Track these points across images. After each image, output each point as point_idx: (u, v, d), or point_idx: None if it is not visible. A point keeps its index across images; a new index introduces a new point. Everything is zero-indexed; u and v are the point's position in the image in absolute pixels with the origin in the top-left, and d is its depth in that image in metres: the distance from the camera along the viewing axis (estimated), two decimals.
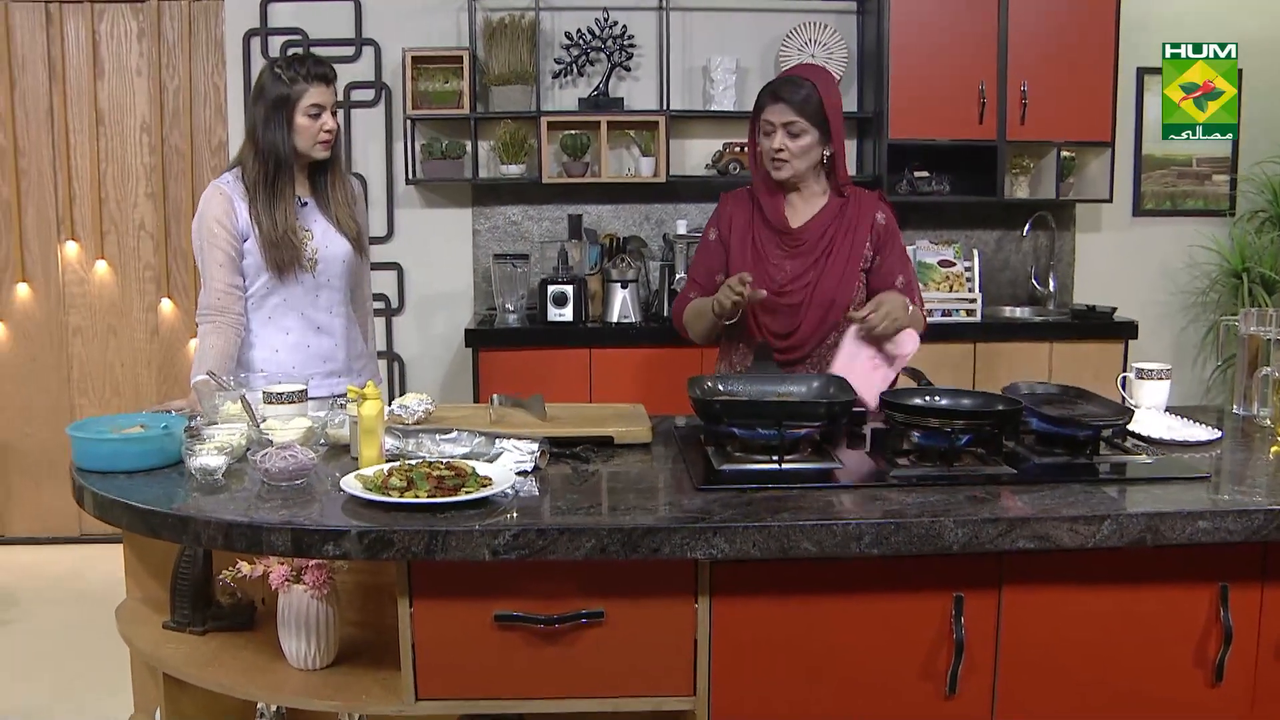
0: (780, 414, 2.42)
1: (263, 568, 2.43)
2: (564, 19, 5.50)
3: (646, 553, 2.06)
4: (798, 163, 3.16)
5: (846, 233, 3.24)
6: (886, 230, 3.28)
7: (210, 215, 3.30)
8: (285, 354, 3.40)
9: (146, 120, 5.71)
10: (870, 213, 3.27)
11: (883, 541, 2.08)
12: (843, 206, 3.26)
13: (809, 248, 3.23)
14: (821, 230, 3.23)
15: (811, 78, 3.16)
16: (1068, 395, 2.78)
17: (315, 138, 3.30)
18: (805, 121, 3.11)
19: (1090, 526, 2.11)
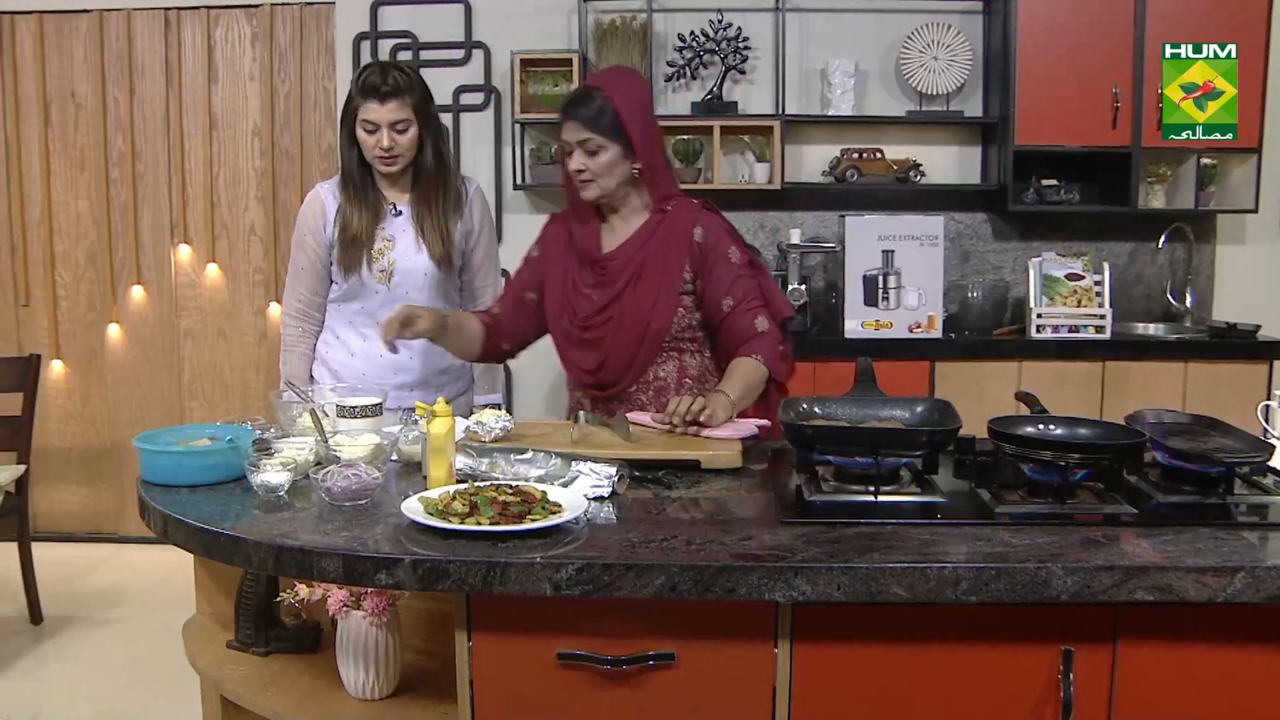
0: (876, 442, 2.23)
1: (321, 591, 2.31)
2: (677, 20, 5.35)
3: (721, 593, 1.89)
4: (604, 181, 2.90)
5: (658, 255, 2.96)
6: (706, 245, 2.97)
7: (302, 219, 3.41)
8: (359, 360, 3.41)
9: (258, 124, 5.70)
10: (685, 228, 2.97)
11: (982, 588, 1.87)
12: (658, 225, 2.98)
13: (613, 276, 2.97)
14: (630, 256, 2.97)
15: (603, 87, 2.90)
16: (1199, 426, 2.53)
17: (372, 154, 3.25)
18: (601, 137, 2.85)
19: (1220, 578, 1.87)
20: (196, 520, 2.18)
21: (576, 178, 2.92)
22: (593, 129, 2.86)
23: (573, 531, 2.07)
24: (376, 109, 3.18)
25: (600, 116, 2.86)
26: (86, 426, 5.96)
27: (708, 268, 2.96)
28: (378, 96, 3.18)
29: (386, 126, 3.19)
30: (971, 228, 5.45)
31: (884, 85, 5.38)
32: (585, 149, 2.88)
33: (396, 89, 3.18)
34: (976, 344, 4.97)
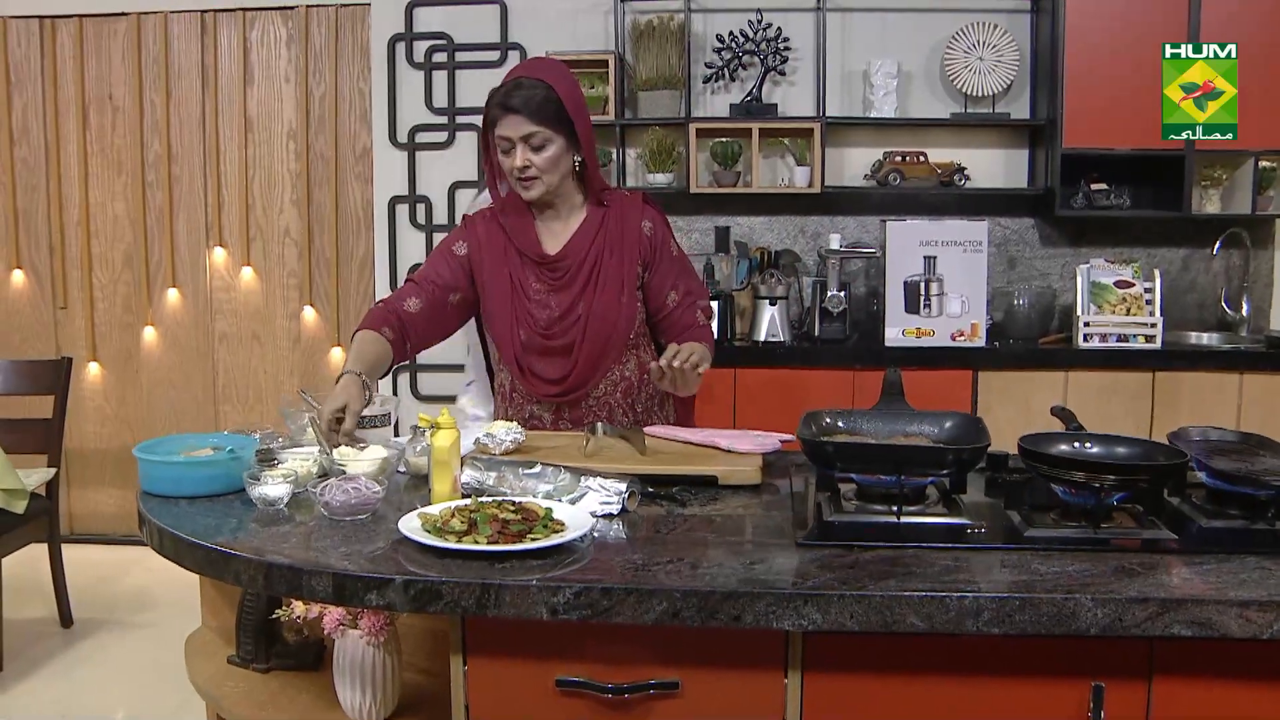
0: (899, 460, 2.11)
1: (318, 609, 2.22)
2: (716, 21, 5.23)
3: (726, 620, 1.78)
4: (549, 177, 2.77)
5: (613, 250, 2.87)
6: (655, 238, 2.92)
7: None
8: None
9: (293, 127, 5.65)
10: (635, 221, 2.90)
11: (1005, 619, 1.75)
12: (604, 219, 2.89)
13: (572, 276, 2.86)
14: (581, 254, 2.86)
15: (544, 76, 2.75)
16: (1248, 445, 2.38)
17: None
18: (548, 130, 2.72)
19: (1266, 614, 1.73)
20: (190, 534, 2.11)
21: (518, 175, 2.76)
22: (538, 121, 2.71)
23: (576, 552, 1.97)
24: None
25: (545, 106, 2.72)
26: (122, 428, 5.93)
27: (655, 261, 2.92)
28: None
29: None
30: (1018, 233, 5.29)
31: (928, 86, 5.23)
32: (530, 144, 2.73)
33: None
34: (1021, 353, 4.81)
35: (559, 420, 2.92)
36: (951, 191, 5.10)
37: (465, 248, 2.92)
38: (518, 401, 2.97)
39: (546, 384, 2.89)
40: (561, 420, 2.91)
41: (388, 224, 5.53)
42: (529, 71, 2.80)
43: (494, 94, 2.78)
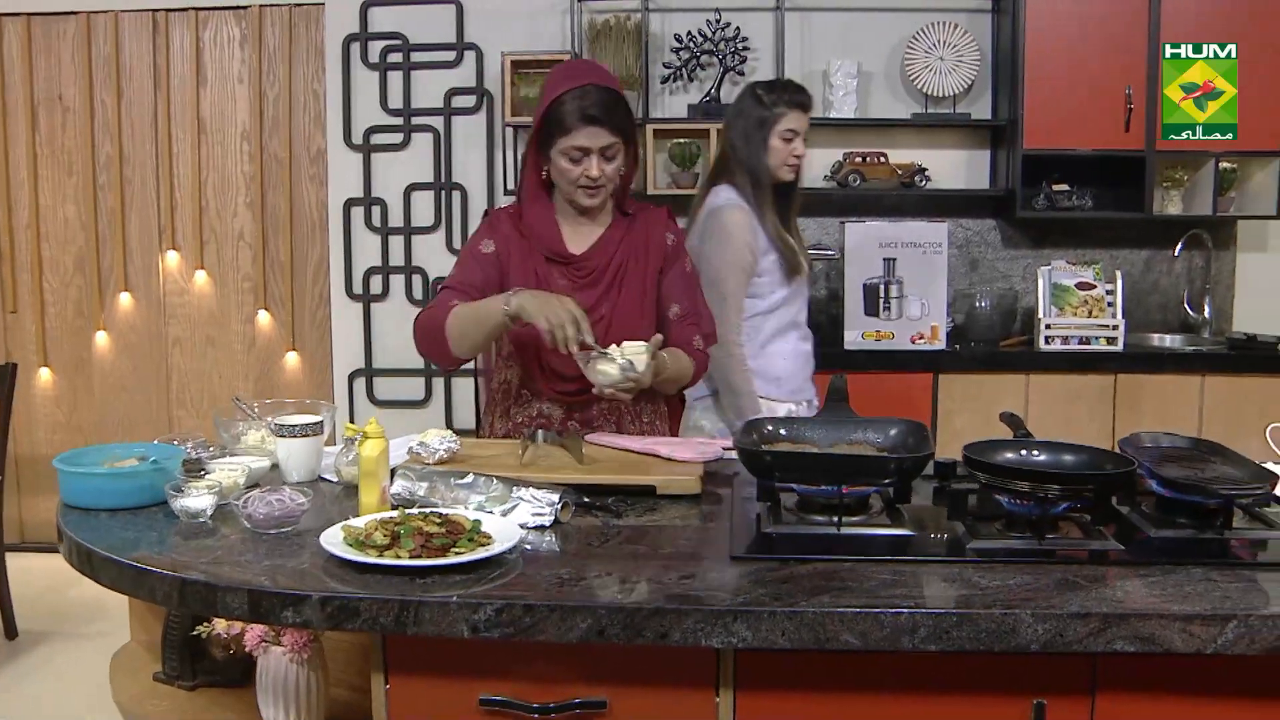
0: (839, 470, 2.04)
1: (240, 625, 2.14)
2: (674, 20, 5.17)
3: (653, 638, 1.71)
4: (611, 186, 2.77)
5: (637, 258, 2.84)
6: (673, 251, 2.91)
7: (739, 234, 3.37)
8: (791, 361, 3.51)
9: (247, 128, 5.56)
10: (660, 233, 2.89)
11: (942, 636, 1.68)
12: (629, 227, 2.86)
13: (598, 277, 2.81)
14: (606, 258, 2.82)
15: (611, 84, 2.73)
16: (1200, 451, 2.33)
17: (784, 160, 3.39)
18: (620, 141, 2.70)
19: (1210, 628, 1.67)
20: (106, 548, 2.02)
21: (589, 184, 2.72)
22: (615, 132, 2.68)
23: (502, 566, 1.90)
24: (799, 118, 3.41)
25: (624, 118, 2.71)
26: (74, 435, 5.81)
27: (667, 271, 2.90)
28: (801, 108, 3.41)
29: (802, 135, 3.42)
30: (980, 234, 5.25)
31: (888, 87, 5.18)
32: (605, 154, 2.69)
33: (809, 101, 3.48)
34: (982, 356, 4.76)
35: (568, 420, 2.83)
36: (912, 192, 5.05)
37: (493, 245, 2.84)
38: (525, 399, 2.88)
39: (565, 382, 2.80)
40: (570, 420, 2.83)
41: (343, 227, 5.45)
42: (598, 78, 2.71)
43: (564, 100, 2.66)
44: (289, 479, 2.47)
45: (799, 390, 3.51)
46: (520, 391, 2.90)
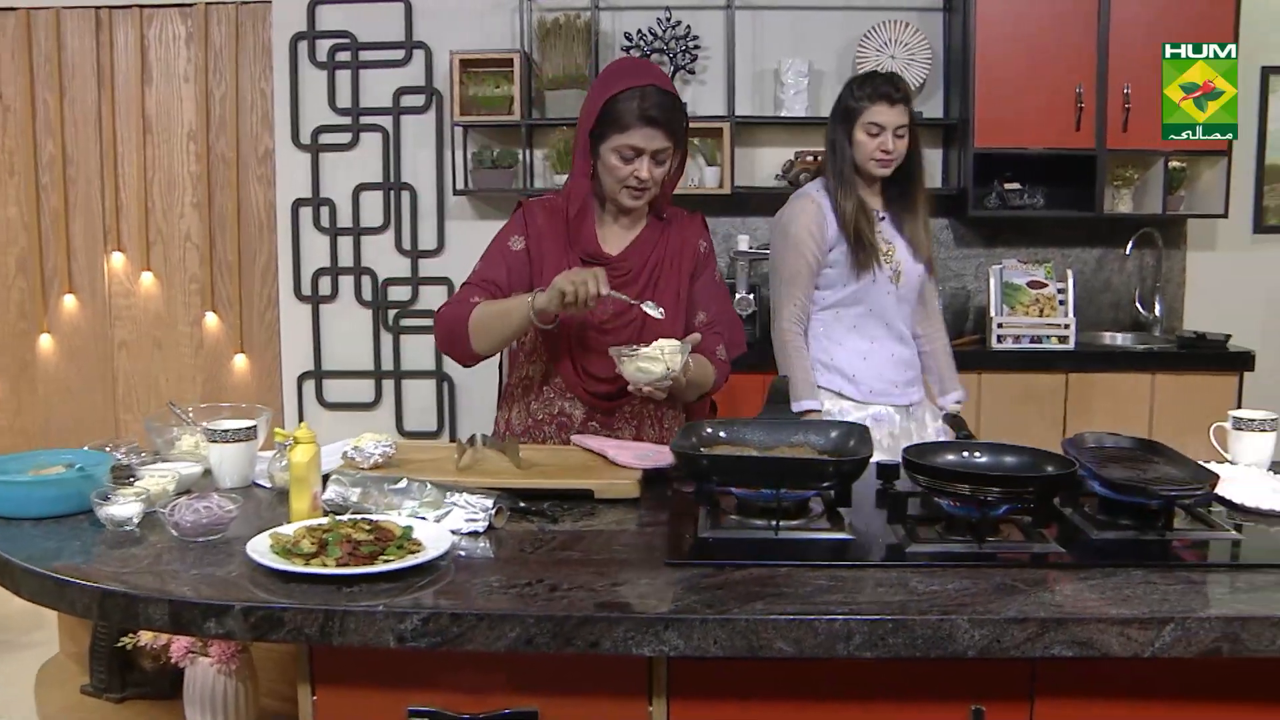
0: (775, 473, 2.01)
1: (166, 636, 2.09)
2: (624, 19, 5.13)
3: (583, 646, 1.67)
4: (654, 190, 2.74)
5: (671, 261, 2.81)
6: (705, 257, 2.90)
7: (799, 224, 3.33)
8: (870, 362, 3.37)
9: (193, 127, 5.47)
10: (694, 239, 2.87)
11: (878, 643, 1.65)
12: (664, 230, 2.84)
13: (633, 278, 2.76)
14: (644, 259, 2.79)
15: (670, 88, 2.70)
16: (1142, 451, 2.31)
17: (871, 155, 3.28)
18: (673, 146, 2.68)
19: (1147, 632, 1.65)
20: (27, 559, 1.96)
21: (636, 185, 2.68)
22: (670, 137, 2.65)
23: (432, 574, 1.85)
24: (884, 111, 3.25)
25: (680, 125, 2.68)
26: (18, 439, 5.71)
27: (696, 279, 2.87)
28: (886, 100, 3.26)
29: (891, 129, 3.25)
30: (933, 233, 5.22)
31: (840, 85, 5.10)
32: (657, 159, 2.67)
33: (906, 96, 3.30)
34: None
35: (589, 421, 2.78)
36: None
37: (522, 241, 2.78)
38: (547, 396, 2.82)
39: (598, 383, 2.75)
40: (592, 421, 2.78)
41: (291, 227, 5.38)
42: (659, 80, 2.68)
43: (624, 97, 2.62)
44: (222, 485, 2.41)
45: (883, 394, 3.35)
46: (542, 388, 2.84)
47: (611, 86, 2.65)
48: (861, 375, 3.33)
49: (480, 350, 2.70)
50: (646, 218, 2.84)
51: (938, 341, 3.57)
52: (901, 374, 3.39)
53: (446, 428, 5.43)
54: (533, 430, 2.82)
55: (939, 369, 3.55)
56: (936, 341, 3.56)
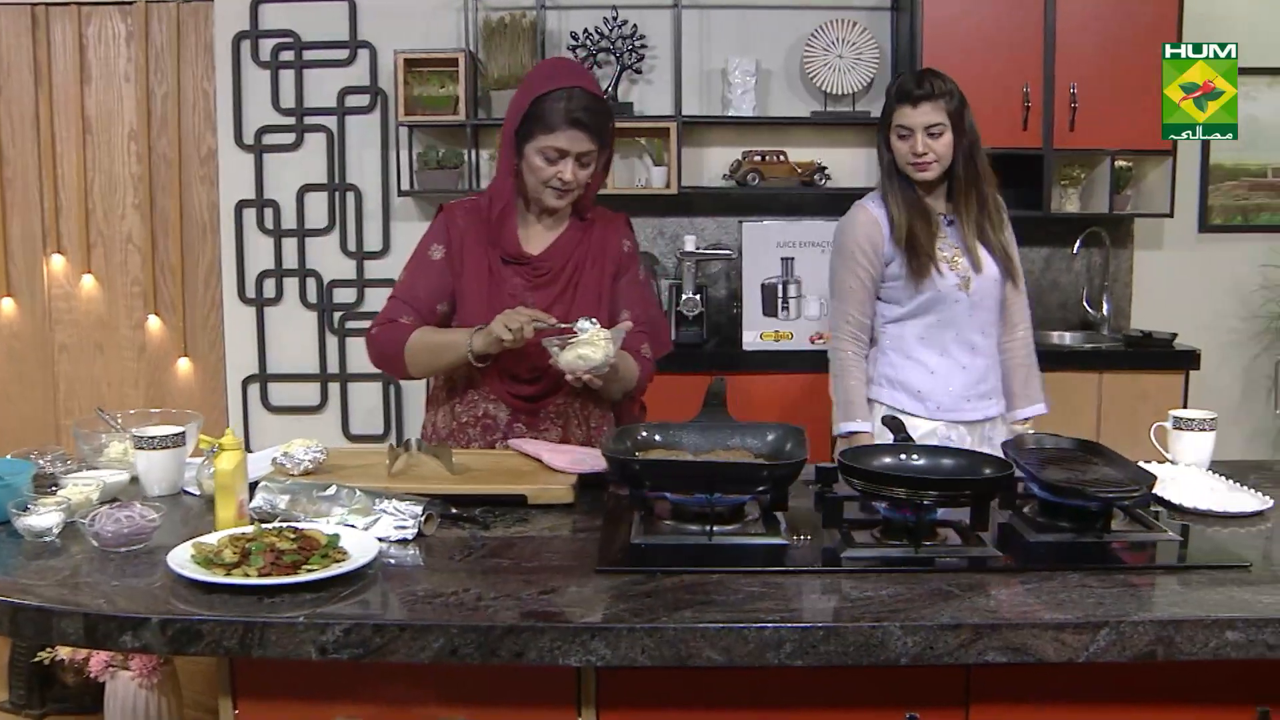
0: (708, 477, 1.98)
1: (86, 650, 2.03)
2: (570, 18, 5.08)
3: (508, 657, 1.63)
4: (577, 192, 2.73)
5: (593, 261, 2.80)
6: (628, 257, 2.87)
7: (851, 236, 3.20)
8: (943, 375, 3.17)
9: (134, 128, 5.38)
10: (617, 239, 2.85)
11: (809, 651, 1.62)
12: (586, 230, 2.82)
13: (553, 277, 2.75)
14: (563, 259, 2.77)
15: (598, 91, 2.72)
16: (1082, 453, 2.30)
17: (905, 160, 3.10)
18: (598, 148, 2.67)
19: (1081, 636, 1.63)
20: None
21: (559, 186, 2.67)
22: (596, 140, 2.64)
23: (357, 583, 1.81)
24: (919, 111, 3.06)
25: (607, 127, 2.67)
26: None
27: (619, 279, 2.84)
28: (926, 99, 3.06)
29: (920, 130, 3.07)
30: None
31: (787, 85, 5.14)
32: (582, 161, 2.65)
33: (935, 93, 3.07)
34: None
35: (514, 423, 2.75)
36: (812, 191, 5.00)
37: (442, 250, 2.76)
38: (471, 399, 2.78)
39: (520, 384, 2.73)
40: (517, 423, 2.74)
41: (235, 229, 5.29)
42: (585, 82, 2.67)
43: (551, 98, 2.61)
44: (149, 493, 2.37)
45: (951, 410, 3.17)
46: (466, 391, 2.80)
47: (539, 87, 2.63)
48: (928, 391, 3.16)
49: (416, 375, 2.76)
50: (569, 218, 2.81)
51: (1015, 352, 3.30)
52: (973, 388, 3.19)
53: (393, 431, 5.36)
54: (457, 434, 2.78)
55: (1011, 382, 3.29)
56: (1013, 352, 3.30)
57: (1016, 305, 3.29)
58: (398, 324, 2.69)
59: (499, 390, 2.74)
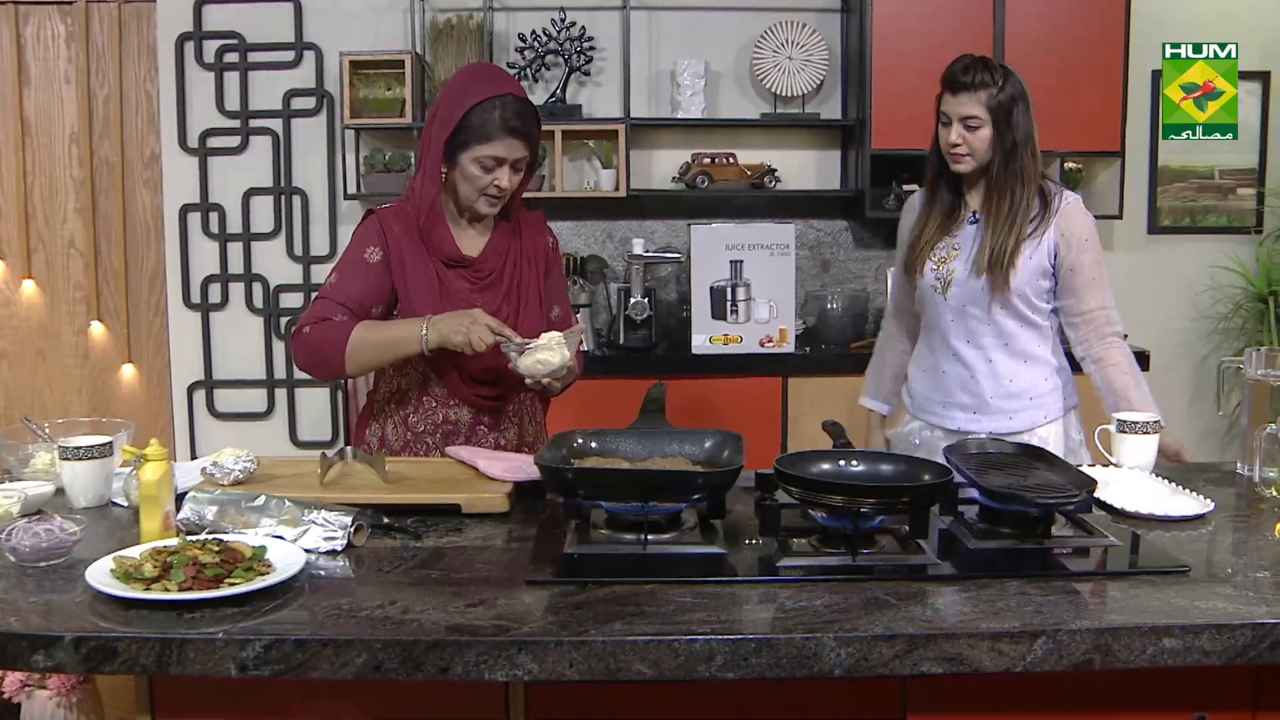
0: (643, 486, 1.94)
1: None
2: (518, 19, 5.03)
3: (433, 672, 1.59)
4: (508, 196, 2.73)
5: (529, 261, 2.82)
6: (553, 254, 2.93)
7: (901, 223, 3.26)
8: (923, 372, 3.15)
9: (75, 130, 5.28)
10: (542, 236, 2.90)
11: (740, 664, 1.59)
12: (514, 230, 2.83)
13: (496, 279, 2.76)
14: (499, 260, 2.78)
15: (525, 95, 2.70)
16: (1025, 458, 2.28)
17: (945, 149, 2.97)
18: (530, 154, 2.69)
19: (1018, 646, 1.61)
20: None
21: (493, 193, 2.66)
22: (529, 147, 2.66)
23: (281, 598, 1.76)
24: (950, 100, 2.94)
25: (538, 133, 2.69)
26: None
27: (549, 276, 2.88)
28: (952, 88, 2.93)
29: (958, 120, 2.91)
30: (831, 235, 5.21)
31: (737, 87, 5.11)
32: (515, 167, 2.66)
33: (977, 82, 2.89)
34: (831, 359, 4.71)
35: (476, 426, 2.75)
36: (762, 194, 4.98)
37: (380, 253, 2.71)
38: (428, 407, 2.77)
39: (481, 385, 2.73)
40: (480, 425, 2.75)
41: (179, 233, 5.20)
42: (514, 88, 2.67)
43: (485, 107, 2.60)
44: (75, 505, 2.31)
45: (925, 410, 3.12)
46: (421, 399, 2.77)
47: (469, 95, 2.61)
48: (914, 386, 3.16)
49: (352, 373, 2.70)
50: (496, 219, 2.81)
51: (1104, 368, 3.05)
52: (946, 394, 3.08)
53: (341, 437, 5.30)
54: (413, 444, 2.75)
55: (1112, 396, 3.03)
56: (1100, 367, 3.06)
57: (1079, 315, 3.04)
58: (333, 322, 2.63)
59: (463, 393, 2.72)
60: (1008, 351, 3.01)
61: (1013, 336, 3.00)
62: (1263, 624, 1.63)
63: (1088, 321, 3.01)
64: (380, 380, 2.84)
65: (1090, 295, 3.00)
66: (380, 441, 2.79)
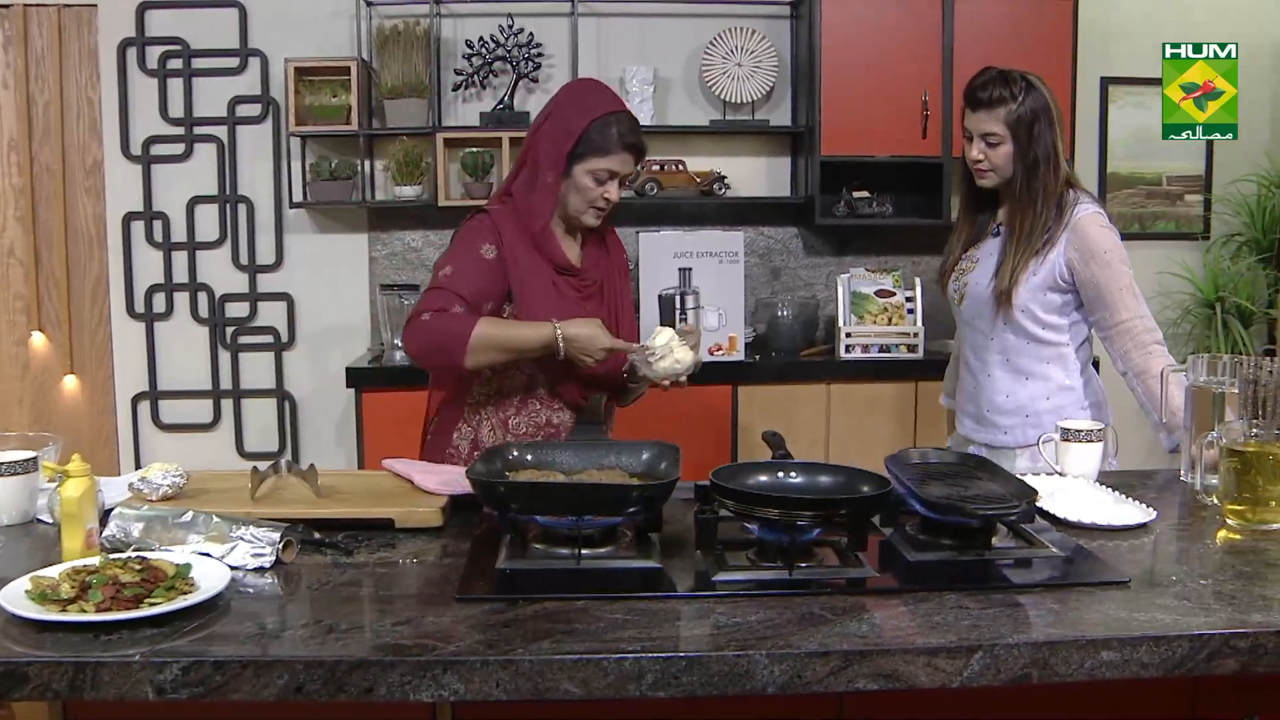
0: (575, 501, 1.90)
1: None
2: (465, 26, 4.99)
3: (356, 694, 1.54)
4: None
5: (620, 272, 2.96)
6: (627, 264, 3.06)
7: None
8: (956, 377, 3.27)
9: (14, 137, 5.18)
10: (622, 251, 3.04)
11: (671, 682, 1.55)
12: (600, 243, 2.94)
13: (598, 288, 2.86)
14: (598, 270, 2.89)
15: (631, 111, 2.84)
16: (966, 467, 2.26)
17: (969, 160, 2.97)
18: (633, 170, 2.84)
19: (955, 661, 1.58)
20: None
21: (601, 205, 2.77)
22: (638, 164, 2.83)
23: (202, 617, 1.71)
24: (970, 116, 2.94)
25: (644, 150, 2.80)
26: None
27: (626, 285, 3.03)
28: (971, 104, 2.92)
29: (978, 135, 2.91)
30: (782, 242, 5.20)
31: (686, 93, 5.10)
32: (622, 182, 2.78)
33: (994, 99, 2.87)
34: (782, 367, 4.70)
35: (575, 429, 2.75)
36: (712, 201, 4.96)
37: (495, 250, 2.74)
38: (532, 409, 2.82)
39: (590, 389, 2.80)
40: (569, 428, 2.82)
41: (122, 242, 5.13)
42: (625, 106, 2.79)
43: (604, 123, 2.69)
44: None
45: (958, 414, 3.22)
46: (526, 401, 2.82)
47: (589, 109, 2.70)
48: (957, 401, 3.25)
49: (472, 367, 2.68)
50: (582, 232, 2.89)
51: (1145, 380, 2.90)
52: (963, 400, 3.16)
53: (289, 448, 5.23)
54: None
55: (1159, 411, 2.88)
56: (1142, 380, 2.92)
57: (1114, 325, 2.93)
58: (453, 313, 2.65)
59: (572, 396, 2.80)
60: (1007, 367, 3.02)
61: (1014, 352, 3.01)
62: (1200, 635, 1.62)
63: (1123, 333, 2.92)
64: (479, 381, 2.83)
65: (1122, 307, 2.92)
66: (473, 445, 2.80)
